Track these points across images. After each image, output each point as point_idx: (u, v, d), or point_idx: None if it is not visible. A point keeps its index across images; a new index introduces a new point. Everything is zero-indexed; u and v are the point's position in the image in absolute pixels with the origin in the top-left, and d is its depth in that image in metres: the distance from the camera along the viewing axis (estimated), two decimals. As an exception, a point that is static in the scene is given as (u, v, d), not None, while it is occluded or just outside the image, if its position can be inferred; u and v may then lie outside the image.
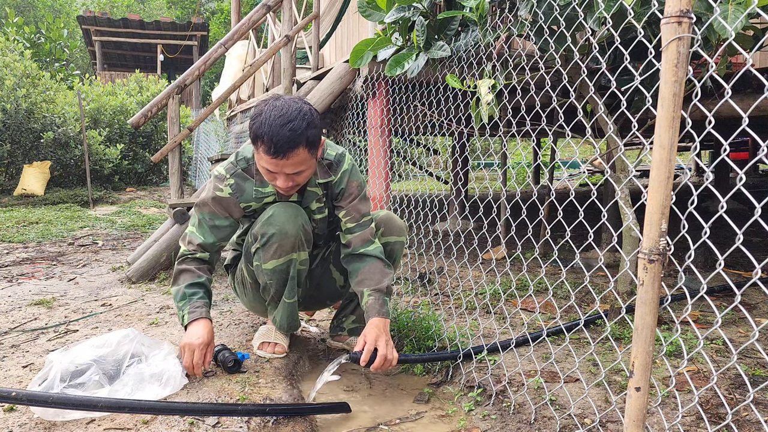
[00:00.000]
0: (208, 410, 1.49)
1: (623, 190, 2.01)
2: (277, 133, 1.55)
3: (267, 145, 1.57)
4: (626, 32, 2.08)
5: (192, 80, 3.68)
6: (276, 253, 1.79)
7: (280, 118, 1.56)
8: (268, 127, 1.56)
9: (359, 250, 1.88)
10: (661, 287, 1.01)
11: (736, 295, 0.95)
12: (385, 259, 1.91)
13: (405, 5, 2.63)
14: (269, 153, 1.57)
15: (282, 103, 1.61)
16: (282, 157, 1.57)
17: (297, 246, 1.81)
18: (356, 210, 1.89)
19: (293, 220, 1.78)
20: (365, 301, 1.80)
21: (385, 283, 1.83)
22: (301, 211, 1.82)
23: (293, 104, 1.61)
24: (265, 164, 1.63)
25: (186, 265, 1.82)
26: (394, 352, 1.71)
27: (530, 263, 3.56)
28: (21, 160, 8.80)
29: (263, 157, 1.60)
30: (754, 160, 1.03)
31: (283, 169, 1.62)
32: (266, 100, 1.65)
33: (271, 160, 1.59)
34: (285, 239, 1.77)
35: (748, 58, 0.95)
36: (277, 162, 1.59)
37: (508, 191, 7.46)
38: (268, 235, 1.77)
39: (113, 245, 4.56)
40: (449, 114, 3.55)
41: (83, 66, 21.13)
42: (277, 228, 1.76)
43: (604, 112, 2.20)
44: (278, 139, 1.55)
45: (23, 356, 1.93)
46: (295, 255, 1.82)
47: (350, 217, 1.88)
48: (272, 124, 1.56)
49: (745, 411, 1.47)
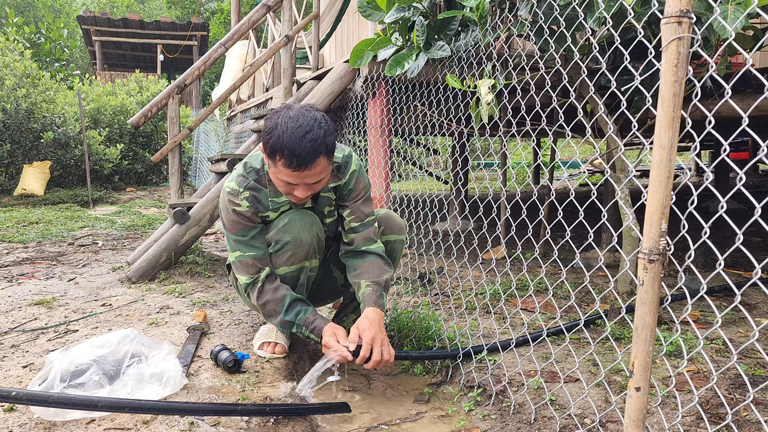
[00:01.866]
0: (208, 410, 1.49)
1: (623, 190, 2.01)
2: (297, 145, 1.52)
3: (288, 159, 1.53)
4: (626, 32, 2.08)
5: (192, 80, 3.68)
6: (289, 260, 1.79)
7: (299, 130, 1.53)
8: (287, 140, 1.52)
9: (361, 248, 1.88)
10: (661, 287, 1.01)
11: (736, 295, 0.95)
12: (386, 258, 1.91)
13: (405, 5, 2.63)
14: (291, 166, 1.54)
15: (296, 113, 1.57)
16: (304, 168, 1.54)
17: (310, 254, 1.81)
18: (361, 210, 1.88)
19: (309, 228, 1.77)
20: (362, 291, 1.79)
21: (384, 277, 1.82)
22: (317, 220, 1.82)
23: (307, 113, 1.58)
24: (285, 177, 1.59)
25: (264, 297, 1.78)
26: (390, 349, 1.70)
27: (530, 263, 3.56)
28: (21, 160, 8.80)
29: (282, 170, 1.57)
30: (754, 160, 1.03)
31: (305, 180, 1.59)
32: (277, 111, 1.62)
33: (293, 173, 1.56)
34: (299, 248, 1.77)
35: (748, 58, 0.95)
36: (299, 174, 1.56)
37: (508, 191, 7.46)
38: (283, 243, 1.76)
39: (113, 245, 4.56)
40: (449, 114, 3.55)
41: (83, 66, 21.13)
42: (292, 236, 1.76)
43: (604, 112, 2.20)
44: (300, 151, 1.52)
45: (23, 356, 1.93)
46: (308, 263, 1.83)
47: (355, 216, 1.88)
48: (291, 137, 1.52)
49: (745, 411, 1.47)
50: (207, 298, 2.78)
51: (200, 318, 2.35)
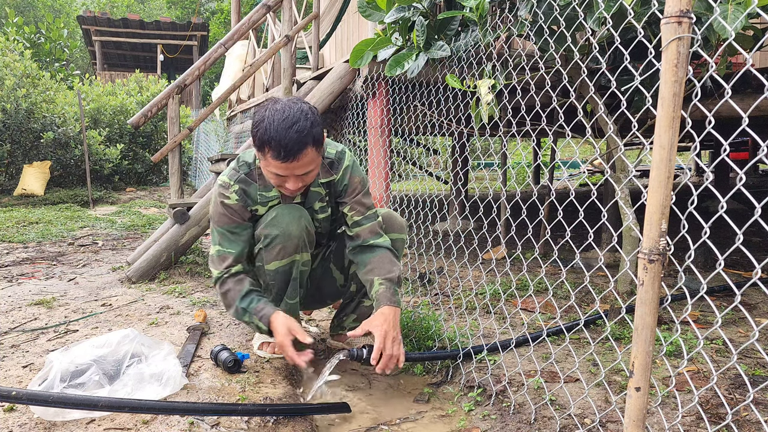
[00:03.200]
0: (208, 410, 1.49)
1: (623, 190, 2.01)
2: (284, 136, 1.54)
3: (276, 150, 1.55)
4: (626, 32, 2.08)
5: (192, 80, 3.68)
6: (279, 254, 1.79)
7: (285, 122, 1.55)
8: (274, 132, 1.54)
9: (369, 241, 1.88)
10: (661, 287, 1.01)
11: (736, 295, 0.95)
12: (394, 251, 1.91)
13: (405, 5, 2.63)
14: (279, 158, 1.56)
15: (282, 106, 1.60)
16: (292, 159, 1.57)
17: (300, 247, 1.81)
18: (360, 204, 1.89)
19: (297, 221, 1.78)
20: (375, 289, 1.79)
21: (395, 273, 1.82)
22: (305, 212, 1.82)
23: (293, 105, 1.60)
24: (274, 169, 1.61)
25: (226, 286, 1.80)
26: (401, 348, 1.70)
27: (530, 263, 3.56)
28: (21, 160, 8.80)
29: (272, 162, 1.59)
30: (754, 160, 1.03)
31: (294, 171, 1.61)
32: (264, 105, 1.64)
33: (281, 164, 1.58)
34: (288, 241, 1.78)
35: (748, 58, 0.95)
36: (287, 165, 1.58)
37: (508, 191, 7.46)
38: (272, 237, 1.77)
39: (113, 245, 4.56)
40: (449, 114, 3.55)
41: (83, 66, 21.12)
42: (280, 229, 1.76)
43: (604, 112, 2.20)
44: (286, 142, 1.54)
45: (23, 356, 1.93)
46: (298, 256, 1.82)
47: (355, 211, 1.88)
48: (278, 129, 1.54)
49: (745, 411, 1.47)
50: (207, 298, 2.78)
51: (200, 318, 2.35)
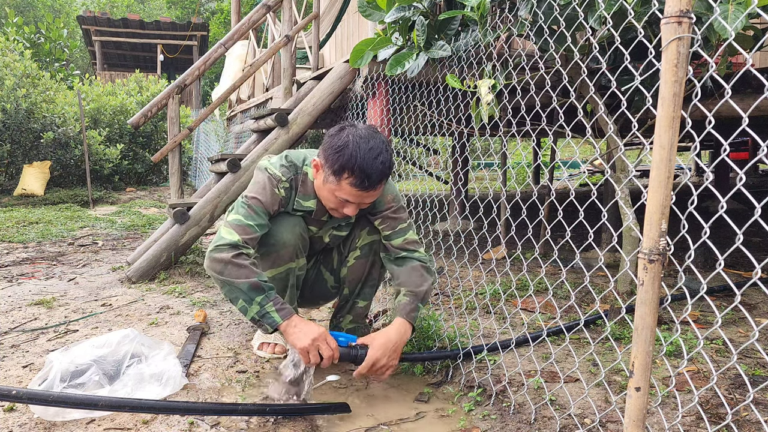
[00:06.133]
0: (208, 410, 1.49)
1: (623, 190, 2.01)
2: (370, 166, 1.54)
3: (359, 179, 1.55)
4: (626, 32, 2.08)
5: (192, 80, 3.68)
6: (274, 263, 1.80)
7: (371, 151, 1.55)
8: (361, 160, 1.54)
9: (401, 254, 1.87)
10: (661, 287, 1.01)
11: (736, 295, 0.95)
12: (427, 265, 1.88)
13: (405, 5, 2.63)
14: (359, 186, 1.56)
15: (366, 133, 1.60)
16: (371, 189, 1.58)
17: (295, 255, 1.81)
18: (391, 219, 1.87)
19: (291, 229, 1.78)
20: (399, 299, 1.77)
21: (423, 287, 1.79)
22: (300, 221, 1.82)
23: (376, 135, 1.61)
24: (346, 195, 1.60)
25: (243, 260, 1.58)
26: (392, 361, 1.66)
27: (530, 263, 3.56)
28: (21, 160, 8.79)
29: (347, 188, 1.58)
30: (754, 160, 1.03)
31: (364, 199, 1.62)
32: (343, 127, 1.63)
33: (358, 192, 1.58)
34: (283, 249, 1.78)
35: (748, 58, 0.95)
36: (363, 194, 1.59)
37: (508, 191, 7.46)
38: (267, 245, 1.77)
39: (113, 245, 4.56)
40: (449, 114, 3.55)
41: (83, 66, 21.12)
42: (275, 239, 1.76)
43: (604, 112, 2.20)
44: (371, 172, 1.55)
45: (23, 356, 1.93)
46: (293, 264, 1.83)
47: (386, 225, 1.88)
48: (365, 158, 1.54)
49: (745, 411, 1.47)
50: (207, 298, 2.78)
51: (200, 318, 2.35)
